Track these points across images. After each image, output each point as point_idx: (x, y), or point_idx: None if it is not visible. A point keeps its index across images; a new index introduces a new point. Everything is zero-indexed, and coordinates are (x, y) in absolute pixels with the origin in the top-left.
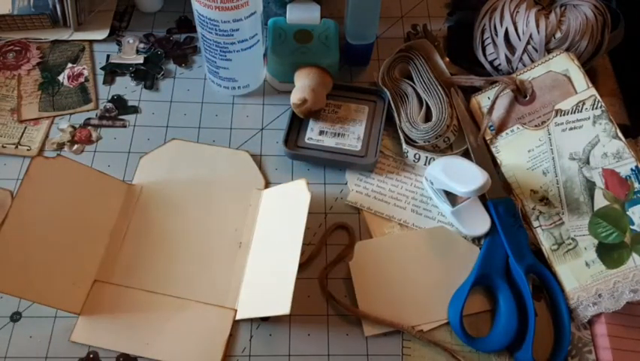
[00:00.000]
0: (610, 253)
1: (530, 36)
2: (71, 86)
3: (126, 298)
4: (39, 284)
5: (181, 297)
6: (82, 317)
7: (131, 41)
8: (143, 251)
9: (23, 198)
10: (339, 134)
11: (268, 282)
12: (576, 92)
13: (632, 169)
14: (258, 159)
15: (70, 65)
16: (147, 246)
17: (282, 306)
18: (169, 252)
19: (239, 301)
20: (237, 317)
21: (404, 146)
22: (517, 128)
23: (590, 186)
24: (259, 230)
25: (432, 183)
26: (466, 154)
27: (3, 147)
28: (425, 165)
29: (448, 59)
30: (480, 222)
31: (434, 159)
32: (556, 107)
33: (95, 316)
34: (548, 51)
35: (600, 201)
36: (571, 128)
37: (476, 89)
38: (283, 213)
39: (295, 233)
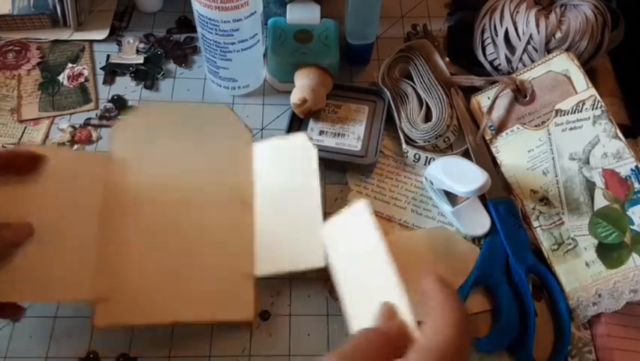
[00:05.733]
0: (610, 253)
1: (530, 36)
2: (71, 86)
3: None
4: (43, 283)
5: (191, 261)
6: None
7: (131, 41)
8: (139, 226)
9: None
10: (339, 134)
11: (290, 237)
12: (576, 92)
13: (632, 169)
14: None
15: (70, 64)
16: (143, 220)
17: (316, 257)
18: (167, 223)
19: (256, 259)
20: (259, 274)
21: (404, 146)
22: (517, 128)
23: (590, 186)
24: (260, 186)
25: (432, 183)
26: (466, 154)
27: (3, 147)
28: (425, 165)
29: (448, 59)
30: (480, 223)
31: (434, 159)
32: (556, 107)
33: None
34: (548, 51)
35: (600, 201)
36: (571, 129)
37: (476, 89)
38: (287, 168)
39: (309, 186)
